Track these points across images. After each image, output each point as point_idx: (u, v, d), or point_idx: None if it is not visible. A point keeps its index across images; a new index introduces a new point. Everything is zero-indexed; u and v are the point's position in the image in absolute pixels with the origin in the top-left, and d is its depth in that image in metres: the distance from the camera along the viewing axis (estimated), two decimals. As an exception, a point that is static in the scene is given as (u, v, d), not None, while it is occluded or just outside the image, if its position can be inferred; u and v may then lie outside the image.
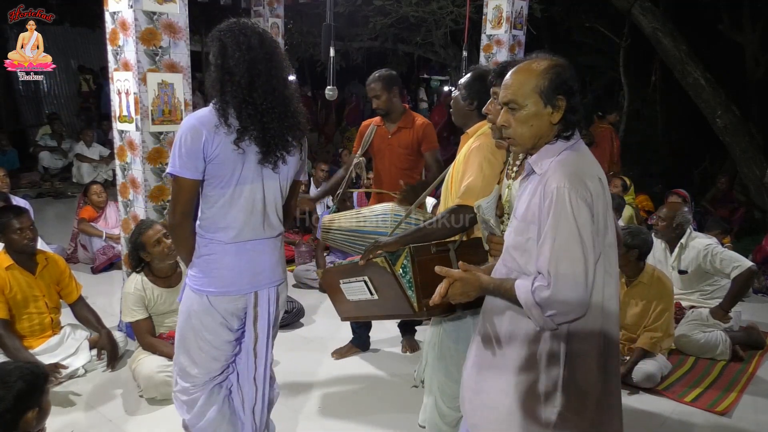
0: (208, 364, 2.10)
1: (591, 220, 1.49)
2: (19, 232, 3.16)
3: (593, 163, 1.61)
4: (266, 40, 1.97)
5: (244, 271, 2.03)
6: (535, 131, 1.60)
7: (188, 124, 1.93)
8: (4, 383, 1.90)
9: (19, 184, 7.77)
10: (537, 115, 1.58)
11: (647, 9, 6.89)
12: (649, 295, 3.49)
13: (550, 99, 1.57)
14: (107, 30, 3.49)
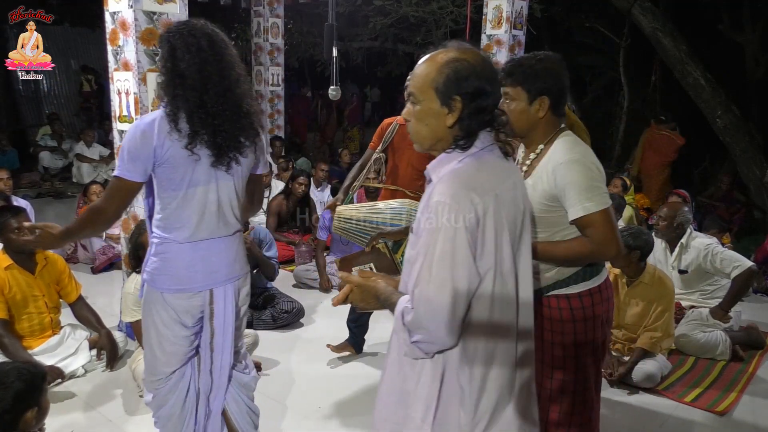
0: (167, 359, 2.14)
1: (468, 243, 1.28)
2: (17, 231, 3.16)
3: (498, 175, 1.38)
4: (216, 40, 1.95)
5: (199, 270, 2.04)
6: (431, 132, 1.41)
7: (139, 127, 1.92)
8: (2, 384, 1.90)
9: (20, 184, 7.76)
10: (433, 113, 1.39)
11: (647, 9, 6.89)
12: (650, 296, 3.49)
13: (444, 98, 1.36)
14: (107, 30, 3.50)
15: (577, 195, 1.79)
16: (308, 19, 9.94)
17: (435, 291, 1.29)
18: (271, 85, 7.84)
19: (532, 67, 1.85)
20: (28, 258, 3.26)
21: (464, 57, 1.37)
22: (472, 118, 1.37)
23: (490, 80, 1.38)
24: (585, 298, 1.91)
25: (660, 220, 4.09)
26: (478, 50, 1.43)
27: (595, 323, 1.93)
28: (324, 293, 4.76)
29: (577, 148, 1.86)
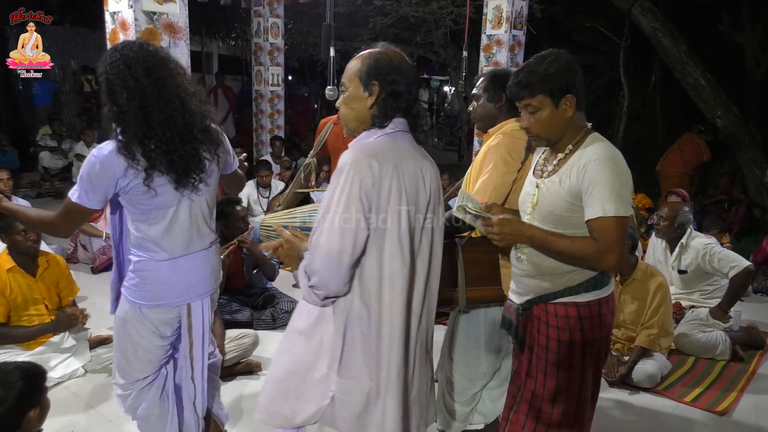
0: (142, 366, 2.18)
1: (360, 201, 1.50)
2: (23, 234, 3.17)
3: (404, 153, 1.62)
4: (154, 66, 1.90)
5: (176, 286, 2.07)
6: (355, 114, 1.66)
7: (98, 158, 1.90)
8: (5, 383, 1.90)
9: (20, 184, 7.76)
10: (357, 98, 1.64)
11: (647, 9, 6.90)
12: (643, 292, 3.49)
13: (366, 84, 1.62)
14: (107, 30, 3.49)
15: (602, 194, 1.71)
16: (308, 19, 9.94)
17: (326, 239, 1.51)
18: (271, 85, 7.84)
19: (546, 71, 1.80)
20: (30, 260, 3.27)
21: (385, 52, 1.64)
22: (388, 100, 1.62)
23: (406, 74, 1.63)
24: (594, 307, 1.86)
25: (661, 220, 4.09)
26: (399, 52, 1.68)
27: (601, 333, 1.89)
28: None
29: (612, 150, 1.79)
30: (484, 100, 2.37)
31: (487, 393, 2.46)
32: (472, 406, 2.45)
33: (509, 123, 2.31)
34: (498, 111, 2.35)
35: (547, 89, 1.79)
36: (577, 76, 1.81)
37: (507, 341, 2.36)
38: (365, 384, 1.61)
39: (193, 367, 2.23)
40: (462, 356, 2.40)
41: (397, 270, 1.58)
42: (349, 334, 1.61)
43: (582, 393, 1.92)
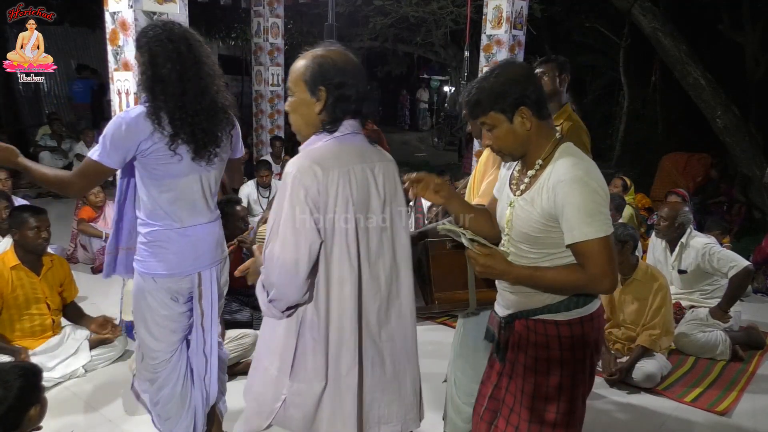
0: (168, 338, 2.25)
1: (308, 209, 1.50)
2: (36, 230, 3.17)
3: (354, 157, 1.60)
4: (193, 43, 2.06)
5: (187, 255, 2.18)
6: (304, 120, 1.63)
7: (125, 120, 2.02)
8: (4, 383, 1.91)
9: (19, 184, 7.75)
10: (305, 103, 1.61)
11: (647, 9, 6.90)
12: (644, 292, 3.49)
13: (312, 90, 1.59)
14: (107, 30, 3.49)
15: (576, 218, 1.61)
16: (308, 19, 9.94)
17: (280, 250, 1.51)
18: (271, 85, 7.84)
19: (491, 87, 1.70)
20: (36, 259, 3.27)
21: (328, 54, 1.60)
22: (336, 105, 1.58)
23: (352, 74, 1.59)
24: (575, 326, 1.76)
25: (661, 220, 4.09)
26: (343, 50, 1.64)
27: (584, 353, 1.78)
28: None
29: (581, 165, 1.66)
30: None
31: None
32: None
33: None
34: None
35: (497, 105, 1.69)
36: (529, 86, 1.70)
37: None
38: (316, 387, 1.61)
39: (204, 339, 2.31)
40: (469, 358, 2.39)
41: (346, 275, 1.57)
42: (301, 339, 1.61)
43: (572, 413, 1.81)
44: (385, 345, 1.70)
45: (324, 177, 1.51)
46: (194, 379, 2.36)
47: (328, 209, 1.52)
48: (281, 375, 1.64)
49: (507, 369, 1.90)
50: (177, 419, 2.32)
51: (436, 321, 4.19)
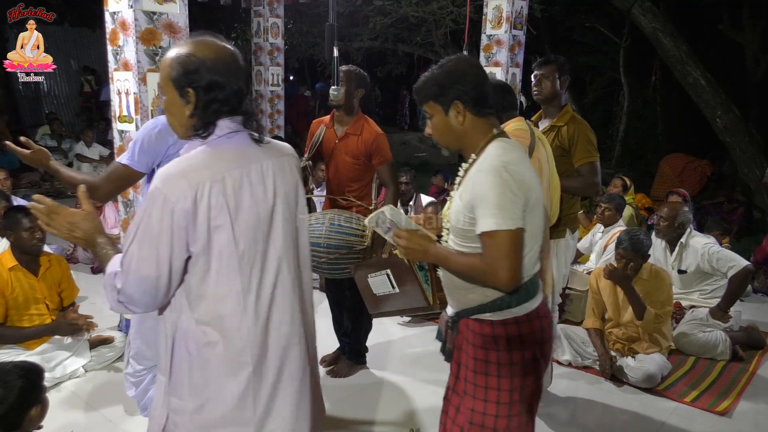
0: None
1: (172, 226, 1.37)
2: (30, 231, 3.17)
3: (232, 161, 1.45)
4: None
5: None
6: (178, 121, 1.50)
7: (157, 125, 2.09)
8: (5, 382, 1.91)
9: (20, 184, 7.76)
10: (175, 104, 1.48)
11: (647, 9, 6.90)
12: (648, 289, 3.48)
13: (181, 91, 1.45)
14: (107, 30, 3.49)
15: (483, 208, 1.63)
16: (308, 19, 9.94)
17: (137, 265, 1.38)
18: (271, 85, 7.84)
19: (434, 77, 1.75)
20: (33, 260, 3.27)
21: (194, 52, 1.44)
22: (207, 108, 1.44)
23: (224, 72, 1.44)
24: (510, 326, 1.74)
25: (661, 221, 4.09)
26: (216, 42, 1.48)
27: (523, 354, 1.76)
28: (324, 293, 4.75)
29: (505, 156, 1.68)
30: None
31: None
32: None
33: (510, 124, 2.32)
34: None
35: (434, 96, 1.75)
36: (467, 81, 1.73)
37: None
38: (191, 406, 1.48)
39: None
40: None
41: (222, 289, 1.45)
42: (177, 349, 1.49)
43: (509, 417, 1.78)
44: (287, 360, 1.55)
45: (193, 190, 1.37)
46: None
47: (198, 223, 1.39)
48: (165, 386, 1.53)
49: (454, 369, 1.91)
50: None
51: (437, 321, 4.18)
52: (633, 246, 3.40)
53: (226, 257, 1.44)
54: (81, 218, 1.53)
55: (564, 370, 3.59)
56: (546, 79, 3.05)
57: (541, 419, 3.09)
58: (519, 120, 2.35)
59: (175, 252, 1.39)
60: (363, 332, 3.48)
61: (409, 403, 3.15)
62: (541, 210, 1.76)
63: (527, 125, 2.36)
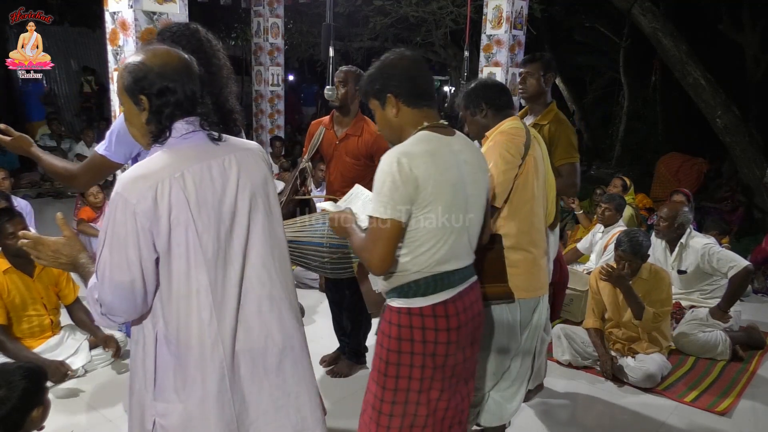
0: None
1: (136, 228, 1.38)
2: (11, 237, 3.16)
3: (190, 159, 1.46)
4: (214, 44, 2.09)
5: None
6: (138, 130, 1.51)
7: None
8: (8, 383, 1.91)
9: (20, 184, 7.76)
10: (133, 113, 1.49)
11: (647, 9, 6.90)
12: (647, 288, 3.48)
13: (135, 99, 1.47)
14: (107, 30, 3.49)
15: (374, 193, 1.72)
16: (308, 19, 9.94)
17: (111, 272, 1.40)
18: (271, 85, 7.84)
19: (370, 74, 1.84)
20: (26, 261, 3.26)
21: (143, 60, 1.46)
22: (160, 113, 1.46)
23: (173, 77, 1.46)
24: (403, 316, 1.78)
25: (661, 221, 4.09)
26: (163, 51, 1.50)
27: (411, 349, 1.77)
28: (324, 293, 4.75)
29: (409, 147, 1.72)
30: (469, 116, 2.42)
31: (499, 394, 2.44)
32: (477, 407, 2.44)
33: (505, 122, 2.33)
34: (485, 120, 2.38)
35: (371, 92, 1.83)
36: (397, 74, 1.78)
37: (516, 342, 2.36)
38: (179, 407, 1.50)
39: None
40: None
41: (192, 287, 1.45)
42: (159, 355, 1.50)
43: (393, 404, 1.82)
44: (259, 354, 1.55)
45: (151, 190, 1.38)
46: None
47: (161, 222, 1.39)
48: (147, 393, 1.55)
49: None
50: None
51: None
52: (632, 248, 3.40)
53: (192, 253, 1.44)
54: (62, 245, 1.57)
55: (564, 370, 3.59)
56: (531, 76, 3.06)
57: (540, 419, 3.09)
58: (514, 119, 2.36)
59: (144, 254, 1.40)
60: (363, 332, 3.48)
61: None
62: (459, 208, 1.78)
63: (523, 124, 2.37)
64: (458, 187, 1.77)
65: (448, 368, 1.84)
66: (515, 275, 2.26)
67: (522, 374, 2.46)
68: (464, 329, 1.83)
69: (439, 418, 1.87)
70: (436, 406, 1.85)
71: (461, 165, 1.80)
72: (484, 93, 2.36)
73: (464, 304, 1.83)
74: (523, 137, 2.27)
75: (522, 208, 2.28)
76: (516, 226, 2.28)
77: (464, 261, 1.86)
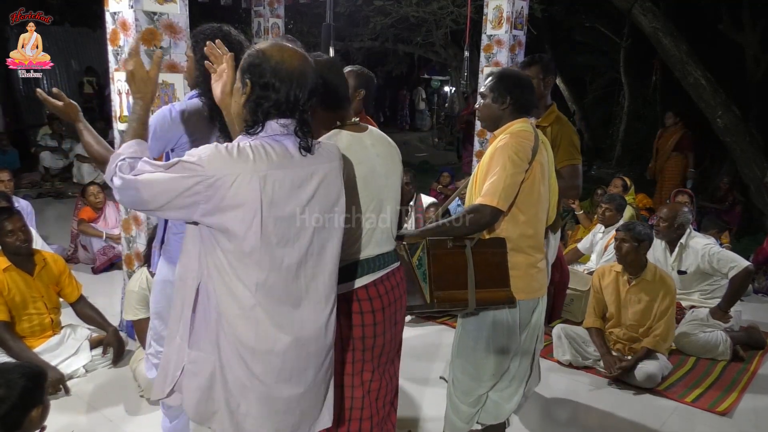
0: None
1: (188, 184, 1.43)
2: (10, 234, 3.16)
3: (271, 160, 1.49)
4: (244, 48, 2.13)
5: None
6: (236, 108, 1.59)
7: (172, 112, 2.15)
8: (7, 381, 1.91)
9: (20, 184, 7.77)
10: (237, 90, 1.58)
11: (647, 9, 6.89)
12: (652, 293, 3.48)
13: (243, 78, 1.55)
14: (108, 30, 3.49)
15: None
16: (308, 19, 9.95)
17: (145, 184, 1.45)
18: (272, 85, 7.85)
19: None
20: (26, 260, 3.26)
21: (266, 50, 1.53)
22: (257, 104, 1.51)
23: (283, 77, 1.50)
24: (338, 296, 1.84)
25: (661, 221, 4.09)
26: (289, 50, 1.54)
27: (341, 332, 1.87)
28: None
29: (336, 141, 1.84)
30: (489, 100, 2.37)
31: (497, 394, 2.45)
32: (477, 407, 2.44)
33: (516, 124, 2.31)
34: (502, 112, 2.35)
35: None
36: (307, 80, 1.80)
37: (515, 342, 2.37)
38: (212, 357, 1.56)
39: None
40: (469, 357, 2.39)
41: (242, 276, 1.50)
42: (197, 312, 1.58)
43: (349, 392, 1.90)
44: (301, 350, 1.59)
45: (231, 175, 1.44)
46: None
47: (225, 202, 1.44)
48: (183, 342, 1.62)
49: None
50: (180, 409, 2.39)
51: (437, 321, 4.19)
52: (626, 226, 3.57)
53: (254, 247, 1.48)
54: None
55: (564, 370, 3.59)
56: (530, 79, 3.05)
57: (541, 419, 3.10)
58: (524, 121, 2.35)
59: (175, 202, 1.44)
60: None
61: (408, 403, 3.15)
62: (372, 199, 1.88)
63: (532, 127, 2.36)
64: (369, 179, 1.87)
65: (377, 348, 1.94)
66: (515, 277, 2.26)
67: (520, 374, 2.46)
68: (388, 310, 1.93)
69: (373, 398, 1.96)
70: (370, 386, 1.95)
71: (373, 158, 1.90)
72: (514, 88, 2.33)
73: (386, 288, 1.93)
74: (531, 141, 2.27)
75: (526, 212, 2.28)
76: (518, 229, 2.28)
77: (384, 247, 1.93)
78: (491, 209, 2.18)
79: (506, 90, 2.32)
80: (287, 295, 1.56)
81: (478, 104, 2.44)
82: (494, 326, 2.33)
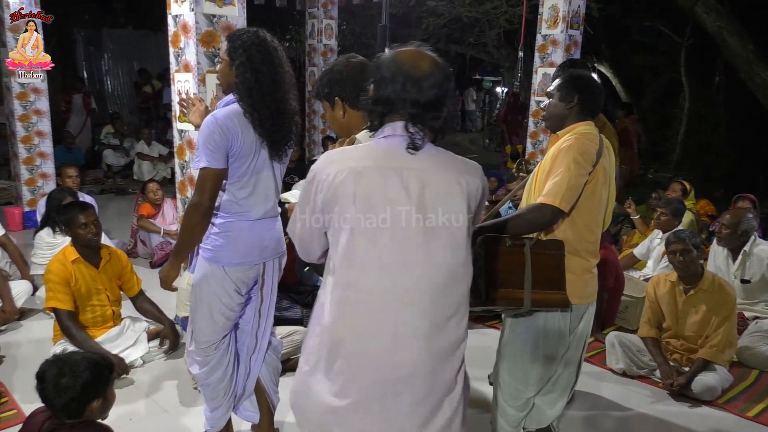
0: (222, 324, 2.41)
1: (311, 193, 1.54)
2: (84, 227, 3.31)
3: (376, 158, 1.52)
4: (279, 50, 2.29)
5: (255, 246, 2.35)
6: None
7: (217, 122, 2.19)
8: (73, 372, 1.98)
9: (84, 181, 8.11)
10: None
11: (711, 7, 6.64)
12: (710, 303, 3.35)
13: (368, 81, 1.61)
14: (169, 33, 3.61)
15: None
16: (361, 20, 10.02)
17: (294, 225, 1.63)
18: (324, 85, 7.93)
19: (321, 78, 2.00)
20: (93, 253, 3.40)
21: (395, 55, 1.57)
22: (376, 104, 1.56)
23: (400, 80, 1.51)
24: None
25: (723, 228, 3.93)
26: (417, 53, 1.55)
27: None
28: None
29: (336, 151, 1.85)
30: (556, 99, 2.33)
31: (540, 398, 2.42)
32: (525, 411, 2.41)
33: (581, 125, 2.27)
34: (568, 112, 2.30)
35: (321, 95, 2.00)
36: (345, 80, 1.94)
37: (564, 347, 2.32)
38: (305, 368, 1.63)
39: (259, 323, 2.53)
40: (517, 360, 2.35)
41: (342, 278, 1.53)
42: (311, 324, 1.67)
43: None
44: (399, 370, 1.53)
45: (333, 174, 1.49)
46: (239, 361, 2.54)
47: (327, 199, 1.50)
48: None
49: None
50: (222, 400, 2.51)
51: (486, 324, 4.14)
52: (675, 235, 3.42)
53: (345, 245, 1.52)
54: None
55: (618, 379, 3.49)
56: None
57: (592, 428, 3.02)
58: (589, 124, 2.29)
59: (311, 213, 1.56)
60: None
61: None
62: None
63: (596, 131, 2.30)
64: None
65: None
66: (570, 281, 2.21)
67: (563, 380, 2.42)
68: None
69: None
70: None
71: None
72: (583, 89, 2.30)
73: None
74: (596, 144, 2.22)
75: (586, 216, 2.23)
76: (576, 232, 2.23)
77: None
78: (552, 209, 2.14)
79: (575, 89, 2.29)
80: None
81: (545, 104, 2.41)
82: (545, 330, 2.29)
